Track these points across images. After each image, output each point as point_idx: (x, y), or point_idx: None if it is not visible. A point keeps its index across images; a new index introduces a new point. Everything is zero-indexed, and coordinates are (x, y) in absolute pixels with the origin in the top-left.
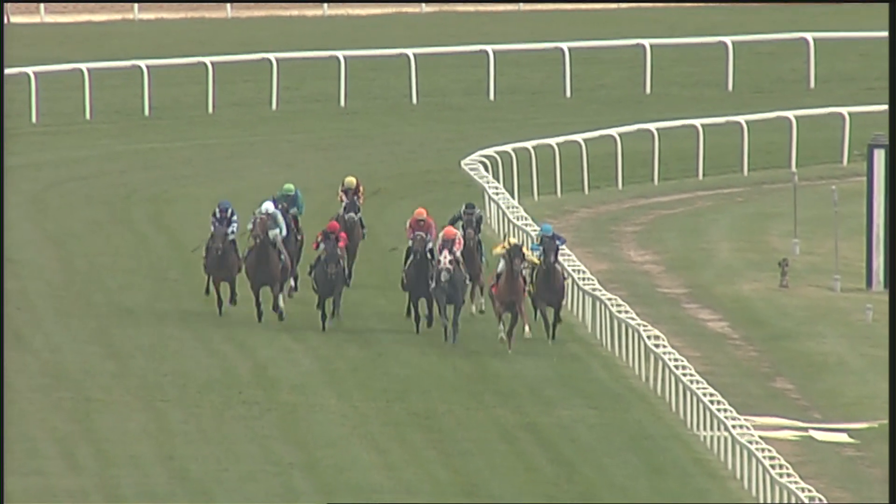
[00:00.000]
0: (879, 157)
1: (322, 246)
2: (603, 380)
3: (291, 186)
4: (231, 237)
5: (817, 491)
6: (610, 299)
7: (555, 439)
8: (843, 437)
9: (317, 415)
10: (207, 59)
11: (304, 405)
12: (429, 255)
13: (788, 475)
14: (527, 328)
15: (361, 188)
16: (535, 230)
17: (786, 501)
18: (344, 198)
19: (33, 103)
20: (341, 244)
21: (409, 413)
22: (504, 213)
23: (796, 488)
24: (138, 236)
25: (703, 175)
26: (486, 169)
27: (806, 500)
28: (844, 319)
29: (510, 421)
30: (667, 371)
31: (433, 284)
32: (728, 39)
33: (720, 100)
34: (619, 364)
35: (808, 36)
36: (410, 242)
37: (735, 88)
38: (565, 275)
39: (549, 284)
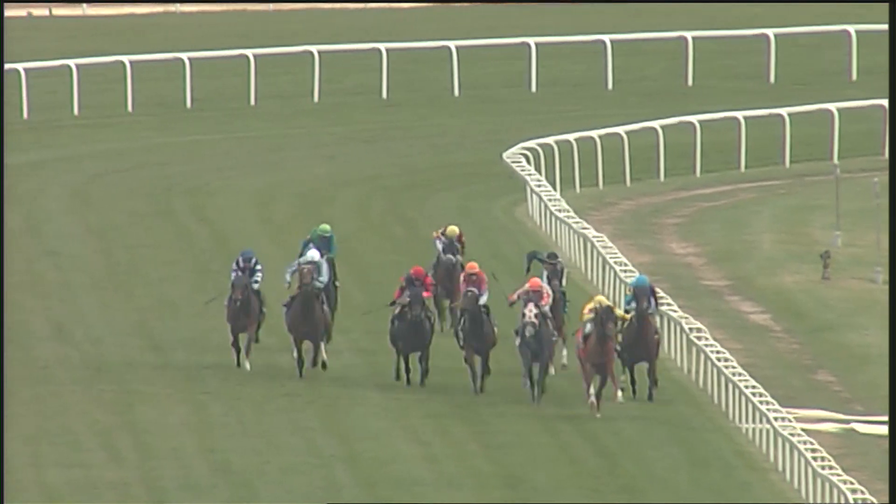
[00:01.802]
0: None
1: (406, 293)
2: (645, 372)
3: (328, 227)
4: (255, 286)
5: (859, 483)
6: None
7: (597, 432)
8: (885, 430)
9: (358, 407)
10: (249, 52)
11: (345, 398)
12: (483, 311)
13: (830, 467)
14: (619, 393)
15: (463, 238)
16: (630, 275)
17: (827, 494)
18: (439, 241)
19: (75, 96)
20: (426, 293)
21: (451, 405)
22: (546, 206)
23: (838, 480)
24: (180, 228)
25: (745, 167)
26: (528, 161)
27: (848, 493)
28: (886, 311)
29: (552, 413)
30: (709, 363)
31: (517, 340)
32: (769, 31)
33: (762, 92)
34: (661, 356)
35: (850, 28)
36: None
37: (776, 80)
38: (658, 327)
39: (640, 337)
